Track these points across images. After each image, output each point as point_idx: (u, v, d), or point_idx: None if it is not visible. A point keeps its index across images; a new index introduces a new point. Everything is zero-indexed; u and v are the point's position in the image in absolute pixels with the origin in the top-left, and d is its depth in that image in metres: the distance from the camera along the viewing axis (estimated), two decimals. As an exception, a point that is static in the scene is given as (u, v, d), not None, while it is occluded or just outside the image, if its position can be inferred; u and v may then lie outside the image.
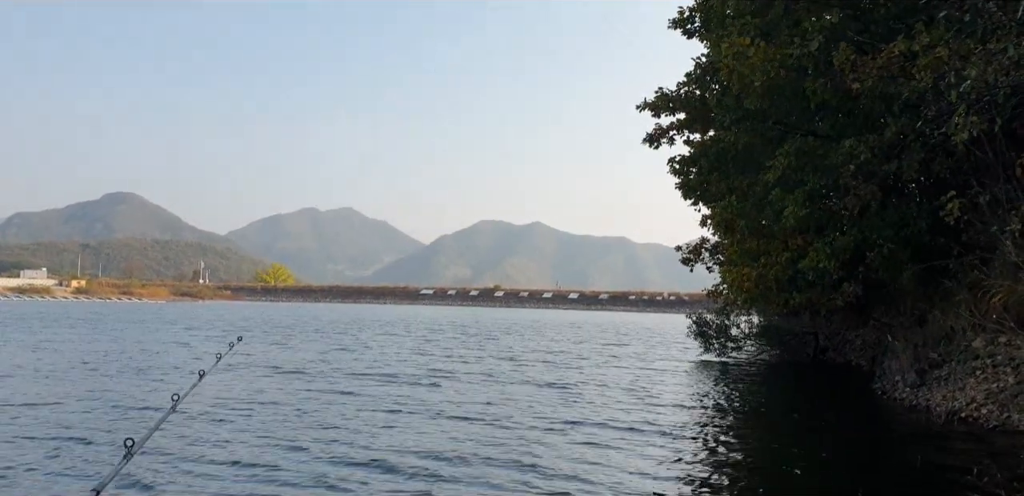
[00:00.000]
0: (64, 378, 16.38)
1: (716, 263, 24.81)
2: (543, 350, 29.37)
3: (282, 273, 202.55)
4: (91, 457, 8.78)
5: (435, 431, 10.91)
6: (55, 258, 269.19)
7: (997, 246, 13.44)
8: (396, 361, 22.61)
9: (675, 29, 21.48)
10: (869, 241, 15.88)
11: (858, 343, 22.60)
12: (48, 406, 12.39)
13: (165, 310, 76.38)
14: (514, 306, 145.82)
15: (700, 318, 25.97)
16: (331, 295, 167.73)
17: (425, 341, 33.29)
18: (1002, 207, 13.13)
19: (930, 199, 15.71)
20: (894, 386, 15.11)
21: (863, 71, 12.89)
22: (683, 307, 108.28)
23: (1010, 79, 10.37)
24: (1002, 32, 10.98)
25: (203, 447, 9.46)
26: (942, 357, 14.28)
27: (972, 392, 12.26)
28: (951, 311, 14.65)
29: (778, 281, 17.52)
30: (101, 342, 27.74)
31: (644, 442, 10.31)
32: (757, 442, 11.32)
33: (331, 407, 12.97)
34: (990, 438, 10.56)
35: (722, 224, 19.50)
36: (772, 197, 16.65)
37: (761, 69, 14.84)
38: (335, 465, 8.62)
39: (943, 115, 11.96)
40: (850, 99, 14.82)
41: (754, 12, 16.90)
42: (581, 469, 8.56)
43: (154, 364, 19.78)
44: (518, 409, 13.20)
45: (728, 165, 19.83)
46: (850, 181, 14.58)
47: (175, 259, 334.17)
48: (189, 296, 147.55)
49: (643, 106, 20.73)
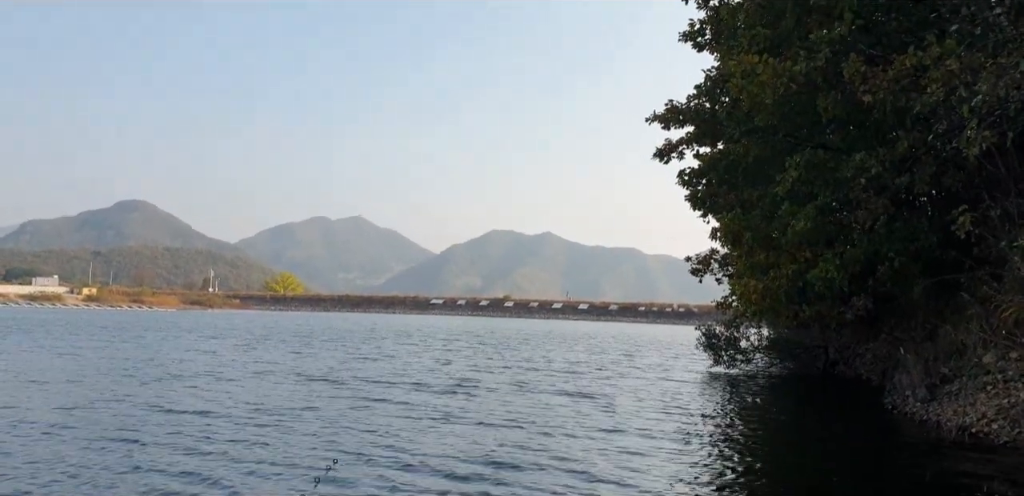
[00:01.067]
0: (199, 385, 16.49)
1: (725, 275, 24.76)
2: (565, 360, 29.58)
3: (291, 282, 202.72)
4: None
5: (483, 437, 11.36)
6: (66, 266, 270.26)
7: (1008, 261, 13.37)
8: (424, 370, 22.95)
9: (686, 42, 21.54)
10: (879, 254, 15.81)
11: (868, 357, 22.46)
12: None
13: (181, 318, 76.60)
14: (524, 316, 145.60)
15: (709, 330, 25.87)
16: (340, 304, 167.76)
17: (447, 351, 33.53)
18: (1013, 221, 13.07)
19: (941, 213, 15.65)
20: (904, 401, 15.01)
21: (874, 83, 12.88)
22: (692, 319, 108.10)
23: (1021, 93, 10.35)
24: (1013, 46, 10.97)
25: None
26: (953, 372, 14.19)
27: (983, 407, 12.17)
28: (962, 326, 14.57)
29: (787, 294, 17.45)
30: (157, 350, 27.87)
31: (655, 447, 10.30)
32: (762, 455, 11.25)
33: (371, 414, 13.32)
34: (1000, 454, 10.48)
35: (730, 236, 19.47)
36: (782, 211, 16.61)
37: (771, 86, 14.83)
38: (393, 470, 9.04)
39: (955, 129, 11.94)
40: (861, 112, 14.80)
41: (765, 24, 16.92)
42: (622, 474, 8.97)
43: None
44: (557, 417, 13.71)
45: (737, 177, 19.84)
46: (861, 195, 14.54)
47: (185, 267, 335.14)
48: (199, 305, 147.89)
49: (653, 118, 20.75)
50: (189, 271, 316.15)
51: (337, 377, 19.78)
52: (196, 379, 18.43)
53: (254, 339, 38.65)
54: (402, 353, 30.78)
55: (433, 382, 19.18)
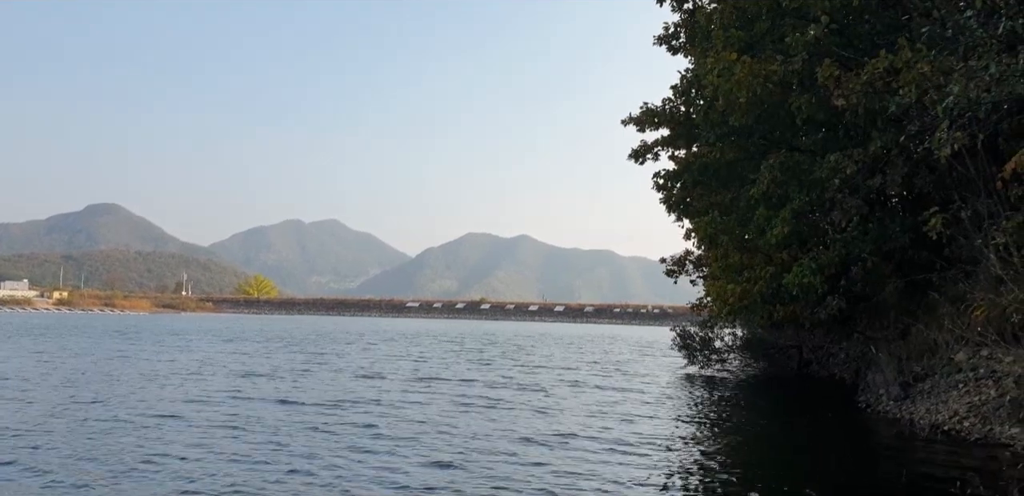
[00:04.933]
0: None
1: (700, 276, 24.91)
2: (582, 360, 30.42)
3: (265, 285, 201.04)
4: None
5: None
6: (37, 269, 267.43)
7: (979, 260, 13.55)
8: (469, 370, 23.75)
9: (660, 45, 21.63)
10: (852, 255, 15.97)
11: (842, 356, 22.66)
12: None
13: (176, 322, 75.90)
14: (500, 319, 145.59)
15: (684, 331, 25.98)
16: (314, 308, 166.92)
17: (467, 350, 34.37)
18: (984, 221, 13.26)
19: (913, 214, 15.84)
20: (878, 399, 15.17)
21: (847, 87, 13.02)
22: (667, 320, 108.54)
23: (991, 95, 10.50)
24: (983, 49, 11.14)
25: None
26: (925, 370, 14.36)
27: (955, 405, 12.32)
28: (934, 324, 14.74)
29: (762, 295, 17.58)
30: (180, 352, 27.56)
31: (624, 450, 10.32)
32: (740, 456, 11.32)
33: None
34: (972, 451, 10.61)
35: (705, 239, 19.59)
36: (757, 215, 16.73)
37: (746, 85, 14.95)
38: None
39: (926, 130, 12.10)
40: (835, 114, 14.95)
41: (739, 26, 17.03)
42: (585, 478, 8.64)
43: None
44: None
45: (712, 180, 19.95)
46: (836, 195, 14.69)
47: (158, 271, 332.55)
48: (171, 308, 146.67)
49: (628, 121, 20.85)
50: (162, 274, 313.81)
51: (387, 373, 19.63)
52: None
53: (267, 340, 38.29)
54: (440, 355, 30.70)
55: (498, 382, 19.18)
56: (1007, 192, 12.08)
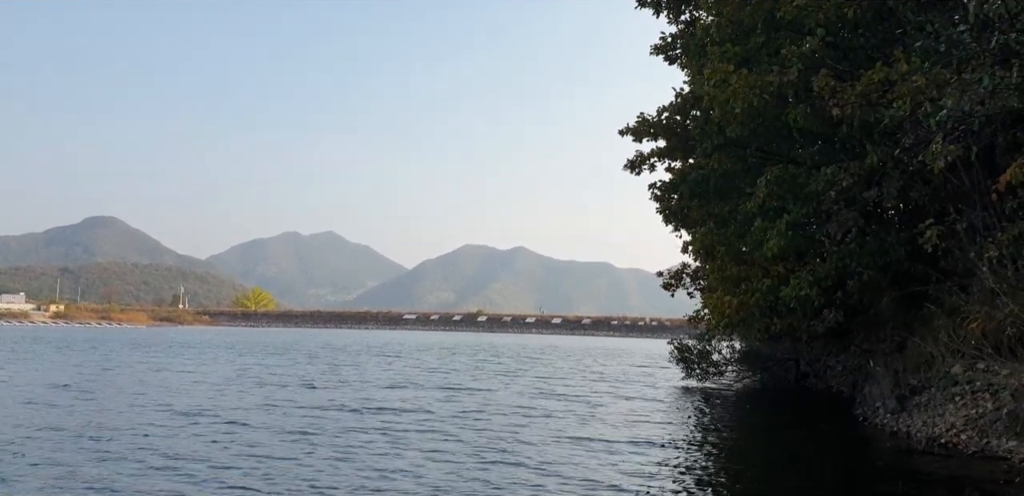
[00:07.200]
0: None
1: (697, 288, 24.88)
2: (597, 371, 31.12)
3: (263, 298, 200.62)
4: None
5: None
6: (33, 283, 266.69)
7: (975, 272, 13.56)
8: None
9: (657, 55, 21.75)
10: (849, 268, 15.98)
11: (839, 369, 22.63)
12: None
13: (179, 335, 75.70)
14: (497, 331, 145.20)
15: (682, 344, 25.93)
16: (312, 320, 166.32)
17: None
18: (979, 234, 13.28)
19: (908, 226, 15.87)
20: (875, 412, 15.14)
21: (843, 97, 13.08)
22: (664, 332, 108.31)
23: (985, 108, 10.54)
24: (976, 62, 11.18)
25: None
26: (922, 383, 14.33)
27: (952, 418, 12.30)
28: (930, 337, 14.73)
29: (760, 308, 17.57)
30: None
31: (620, 459, 10.29)
32: (737, 468, 11.29)
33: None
34: (969, 464, 10.59)
35: (702, 251, 19.59)
36: (754, 228, 16.75)
37: (742, 95, 15.00)
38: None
39: (921, 143, 12.13)
40: (831, 126, 15.00)
41: (734, 40, 17.11)
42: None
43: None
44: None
45: (708, 192, 19.99)
46: (832, 207, 14.72)
47: (155, 284, 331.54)
48: (168, 321, 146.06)
49: (625, 131, 20.90)
50: (159, 287, 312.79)
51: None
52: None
53: (285, 352, 38.26)
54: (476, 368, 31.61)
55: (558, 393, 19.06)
56: (1002, 204, 12.12)
